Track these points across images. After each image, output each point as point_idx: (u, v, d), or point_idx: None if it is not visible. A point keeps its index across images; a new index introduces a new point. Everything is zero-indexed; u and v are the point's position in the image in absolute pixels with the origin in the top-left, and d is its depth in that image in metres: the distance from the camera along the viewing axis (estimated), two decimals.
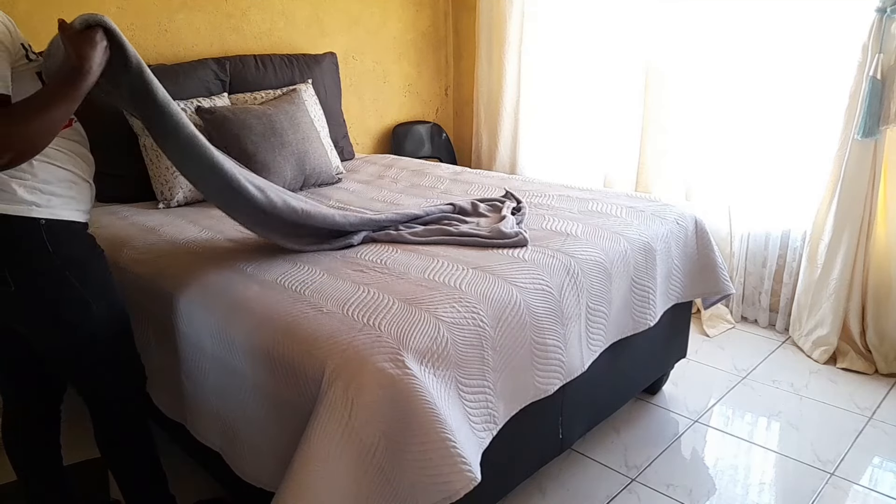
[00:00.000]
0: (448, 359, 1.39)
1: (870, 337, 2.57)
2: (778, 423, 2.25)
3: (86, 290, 1.39)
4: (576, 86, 3.30)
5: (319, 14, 3.22)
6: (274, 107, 2.54)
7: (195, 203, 2.39)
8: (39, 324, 1.39)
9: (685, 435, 2.20)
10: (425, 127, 3.79)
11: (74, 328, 1.40)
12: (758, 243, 2.90)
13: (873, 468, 2.02)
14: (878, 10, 2.29)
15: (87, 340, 1.42)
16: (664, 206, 2.19)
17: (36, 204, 1.32)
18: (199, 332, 1.58)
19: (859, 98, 2.38)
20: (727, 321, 2.94)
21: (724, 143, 2.87)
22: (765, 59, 2.70)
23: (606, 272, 1.82)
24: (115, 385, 1.52)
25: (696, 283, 2.20)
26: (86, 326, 1.41)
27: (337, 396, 1.25)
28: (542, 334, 1.62)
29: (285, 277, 1.63)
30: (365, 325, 1.38)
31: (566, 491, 1.93)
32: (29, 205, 1.31)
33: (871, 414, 2.28)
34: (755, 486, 1.96)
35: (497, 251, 1.77)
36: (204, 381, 1.60)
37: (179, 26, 2.73)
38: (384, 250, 1.80)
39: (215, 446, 1.62)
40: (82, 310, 1.39)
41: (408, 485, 1.28)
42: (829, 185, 2.55)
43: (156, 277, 1.74)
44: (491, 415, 1.49)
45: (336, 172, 2.70)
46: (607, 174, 3.32)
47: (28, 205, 1.31)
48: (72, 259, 1.37)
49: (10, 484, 1.93)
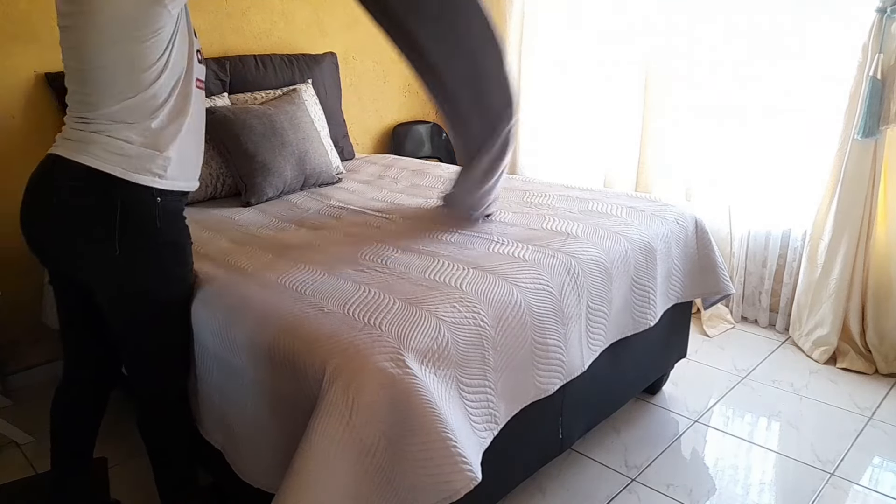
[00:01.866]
0: (449, 358, 1.39)
1: (870, 337, 2.57)
2: (778, 423, 2.25)
3: (174, 269, 1.52)
4: (576, 86, 3.30)
5: (319, 14, 3.22)
6: (274, 107, 2.54)
7: (196, 203, 2.39)
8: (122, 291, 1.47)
9: (685, 435, 2.20)
10: (425, 127, 3.79)
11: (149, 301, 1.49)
12: (758, 243, 2.91)
13: (873, 468, 2.03)
14: (878, 10, 2.30)
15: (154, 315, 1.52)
16: (664, 206, 2.19)
17: (160, 175, 1.43)
18: (201, 332, 1.58)
19: (859, 98, 2.38)
20: (727, 321, 2.94)
21: (724, 143, 2.88)
22: (765, 59, 2.71)
23: (607, 272, 1.82)
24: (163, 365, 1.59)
25: (697, 283, 2.20)
26: (159, 302, 1.51)
27: (337, 396, 1.25)
28: (543, 334, 1.62)
29: (286, 277, 1.63)
30: (366, 325, 1.38)
31: (566, 491, 1.93)
32: (154, 176, 1.42)
33: (871, 414, 2.28)
34: (755, 486, 1.96)
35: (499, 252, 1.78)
36: (209, 378, 1.60)
37: None
38: (385, 250, 1.81)
39: (218, 444, 1.62)
40: (163, 285, 1.50)
41: (408, 484, 1.28)
42: (829, 185, 2.55)
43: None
44: (492, 414, 1.49)
45: (336, 172, 2.70)
46: (607, 174, 3.32)
47: (153, 175, 1.42)
48: (171, 238, 1.50)
49: (10, 483, 1.93)
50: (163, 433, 1.64)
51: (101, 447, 1.94)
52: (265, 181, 2.39)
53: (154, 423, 1.63)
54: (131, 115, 1.39)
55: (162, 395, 1.61)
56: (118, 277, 1.45)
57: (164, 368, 1.60)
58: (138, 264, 1.44)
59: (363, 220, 2.13)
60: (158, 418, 1.63)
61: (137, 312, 1.50)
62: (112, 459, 2.00)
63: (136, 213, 1.41)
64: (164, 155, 1.43)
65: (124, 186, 1.39)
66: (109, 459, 1.98)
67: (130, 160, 1.40)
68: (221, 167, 2.44)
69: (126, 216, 1.40)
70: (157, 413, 1.62)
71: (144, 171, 1.41)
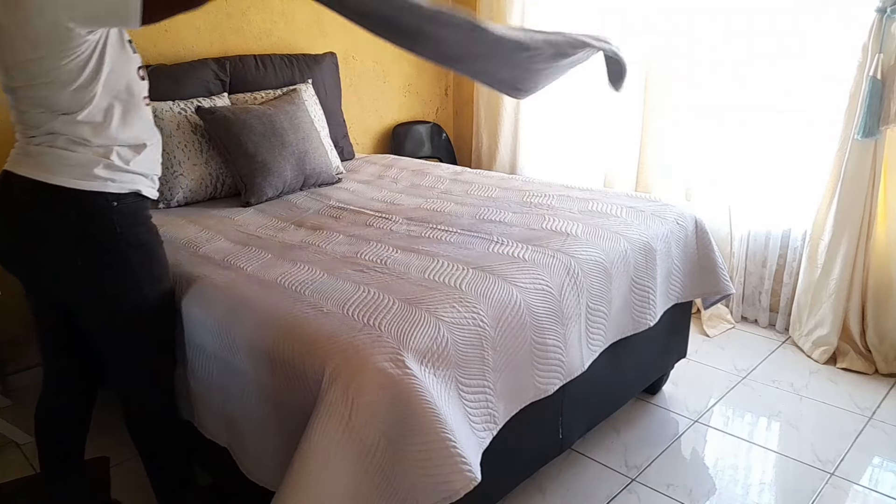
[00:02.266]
0: (448, 359, 1.39)
1: (870, 337, 2.57)
2: (778, 423, 2.25)
3: (142, 272, 1.48)
4: (576, 85, 3.30)
5: (319, 14, 3.22)
6: (274, 107, 2.54)
7: (195, 203, 2.40)
8: (92, 299, 1.46)
9: (685, 435, 2.20)
10: (425, 127, 3.79)
11: (122, 307, 1.47)
12: (758, 243, 2.90)
13: (873, 468, 2.03)
14: (878, 10, 2.29)
15: (130, 320, 1.50)
16: (664, 206, 2.19)
17: (111, 179, 1.40)
18: (201, 333, 1.58)
19: (859, 98, 2.38)
20: (727, 321, 2.94)
21: (724, 143, 2.87)
22: (765, 59, 2.70)
23: (606, 272, 1.82)
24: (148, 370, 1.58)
25: (696, 283, 2.20)
26: (133, 307, 1.48)
27: (337, 396, 1.25)
28: (542, 334, 1.62)
29: (285, 277, 1.63)
30: (365, 325, 1.38)
31: (566, 491, 1.93)
32: (104, 180, 1.39)
33: (871, 414, 2.28)
34: (755, 486, 1.96)
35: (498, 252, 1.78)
36: (209, 380, 1.60)
37: (179, 26, 2.73)
38: (384, 250, 1.81)
39: (223, 442, 1.62)
40: (134, 290, 1.47)
41: (408, 485, 1.28)
42: (829, 185, 2.55)
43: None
44: (491, 415, 1.49)
45: (336, 172, 2.70)
46: (607, 174, 3.32)
47: (103, 180, 1.39)
48: (135, 241, 1.46)
49: (10, 483, 1.93)
50: (154, 435, 1.64)
51: (102, 447, 1.94)
52: (265, 181, 2.39)
53: (144, 426, 1.63)
54: (73, 129, 1.36)
55: (149, 397, 1.60)
56: (86, 287, 1.44)
57: (149, 371, 1.59)
58: (104, 271, 1.43)
59: (363, 220, 2.13)
60: (148, 421, 1.62)
61: (113, 319, 1.49)
62: (113, 459, 1.99)
63: (92, 221, 1.40)
64: (112, 160, 1.40)
65: (76, 196, 1.37)
66: (111, 459, 1.98)
67: (78, 169, 1.37)
68: (221, 167, 2.44)
69: (83, 225, 1.39)
70: (145, 415, 1.62)
71: (94, 177, 1.38)
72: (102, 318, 1.49)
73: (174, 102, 2.43)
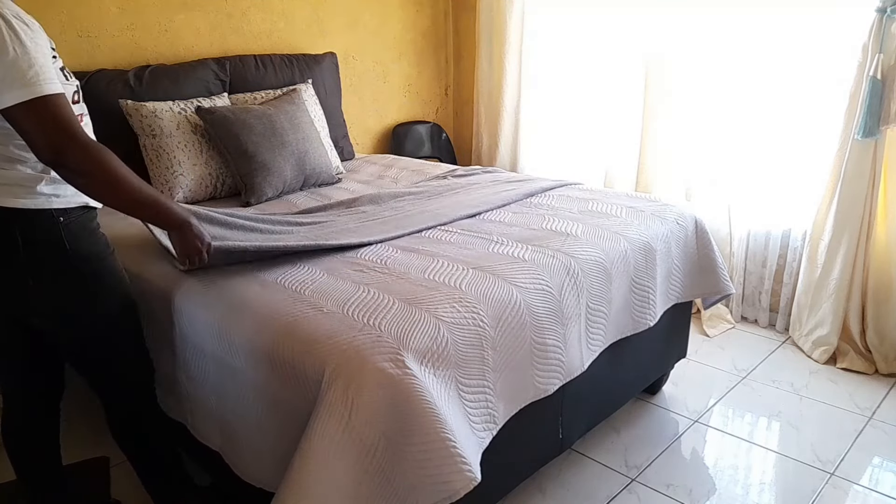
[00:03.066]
0: (448, 359, 1.39)
1: (870, 337, 2.57)
2: (778, 423, 2.25)
3: (98, 285, 1.45)
4: (576, 85, 3.30)
5: (319, 14, 3.22)
6: (274, 107, 2.54)
7: (195, 203, 2.39)
8: (53, 316, 1.43)
9: (685, 435, 2.20)
10: (425, 127, 3.79)
11: (85, 322, 1.45)
12: (758, 243, 2.90)
13: (873, 468, 2.03)
14: (878, 10, 2.29)
15: (96, 334, 1.48)
16: (664, 206, 2.19)
17: (55, 195, 1.36)
18: (200, 333, 1.58)
19: (859, 98, 2.38)
20: (727, 321, 2.94)
21: (724, 142, 2.87)
22: (765, 59, 2.70)
23: (606, 272, 1.82)
24: (124, 377, 1.57)
25: (696, 283, 2.20)
26: (96, 320, 1.46)
27: (337, 396, 1.25)
28: (542, 334, 1.62)
29: (285, 277, 1.63)
30: (365, 325, 1.38)
31: (566, 491, 1.93)
32: (48, 196, 1.35)
33: (871, 414, 2.28)
34: (755, 486, 1.96)
35: (498, 252, 1.78)
36: (204, 381, 1.60)
37: (179, 26, 2.73)
38: (384, 250, 1.81)
39: (215, 446, 1.62)
40: (93, 304, 1.44)
41: (408, 485, 1.28)
42: (829, 185, 2.55)
43: (155, 278, 1.74)
44: (491, 415, 1.49)
45: (336, 172, 2.70)
46: (607, 174, 3.32)
47: (47, 196, 1.35)
48: (86, 255, 1.42)
49: (10, 483, 1.93)
50: (141, 437, 1.63)
51: (102, 447, 1.94)
52: (265, 181, 2.39)
53: (129, 429, 1.62)
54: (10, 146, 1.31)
55: (131, 400, 1.60)
56: (44, 305, 1.40)
57: (126, 377, 1.58)
58: (59, 289, 1.39)
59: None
60: (132, 423, 1.61)
61: (79, 333, 1.46)
62: (113, 459, 1.99)
63: (40, 239, 1.35)
64: (54, 175, 1.33)
65: (18, 215, 1.32)
66: (110, 459, 1.99)
67: (18, 188, 1.32)
68: (221, 167, 2.44)
69: (31, 245, 1.34)
70: (129, 418, 1.61)
71: (37, 194, 1.33)
72: (68, 335, 1.46)
73: (174, 102, 2.43)
